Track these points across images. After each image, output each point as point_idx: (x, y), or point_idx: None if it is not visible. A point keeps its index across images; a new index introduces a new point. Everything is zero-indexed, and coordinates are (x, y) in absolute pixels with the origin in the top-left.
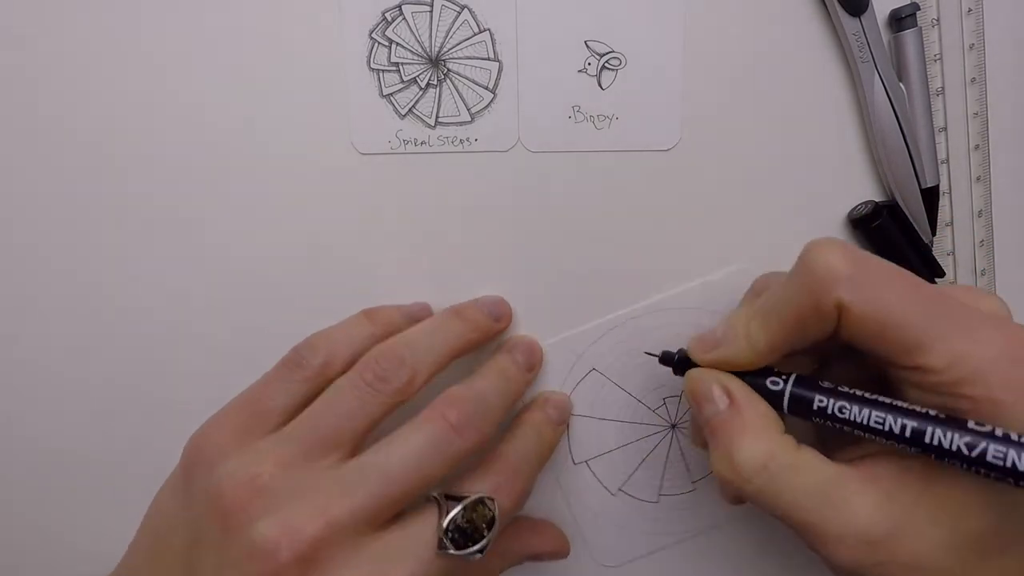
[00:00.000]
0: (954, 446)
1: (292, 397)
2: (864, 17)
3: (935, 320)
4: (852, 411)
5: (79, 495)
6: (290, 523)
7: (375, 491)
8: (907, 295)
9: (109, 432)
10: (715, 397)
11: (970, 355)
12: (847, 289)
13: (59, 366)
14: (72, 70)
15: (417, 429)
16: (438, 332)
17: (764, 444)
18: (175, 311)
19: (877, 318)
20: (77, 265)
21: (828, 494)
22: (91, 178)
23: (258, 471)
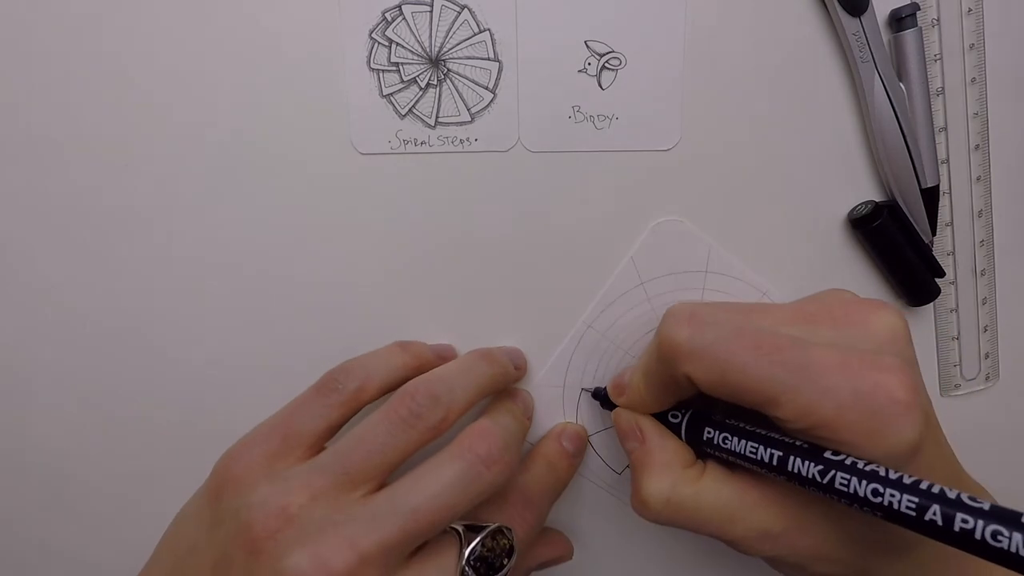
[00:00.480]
0: (809, 473)
1: (325, 421)
2: (864, 17)
3: (781, 377)
4: (732, 441)
5: (93, 510)
6: (320, 556)
7: (405, 525)
8: (751, 359)
9: (122, 447)
10: (631, 436)
11: (818, 407)
12: (690, 364)
13: (69, 378)
14: (72, 71)
15: (446, 463)
16: (471, 372)
17: (667, 480)
18: (173, 311)
19: (724, 384)
20: (75, 265)
21: (729, 512)
22: (90, 179)
23: (288, 501)
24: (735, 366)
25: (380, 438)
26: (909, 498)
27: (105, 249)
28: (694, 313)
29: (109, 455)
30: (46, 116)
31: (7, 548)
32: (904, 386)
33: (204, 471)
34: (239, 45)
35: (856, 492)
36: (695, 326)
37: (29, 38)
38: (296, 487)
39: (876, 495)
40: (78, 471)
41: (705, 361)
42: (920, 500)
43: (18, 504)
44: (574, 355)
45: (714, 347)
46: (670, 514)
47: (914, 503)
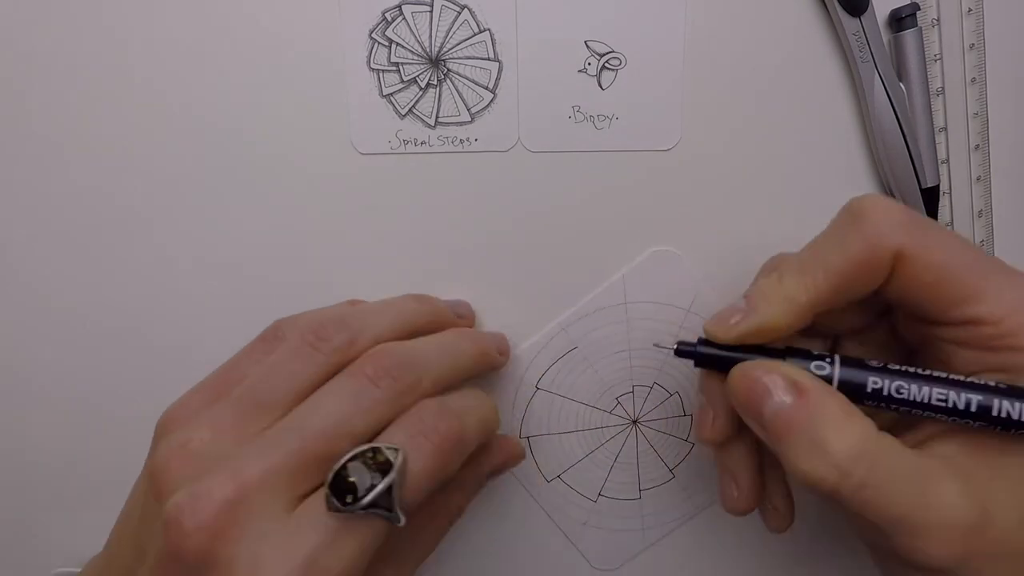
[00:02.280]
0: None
1: (251, 370)
2: (864, 17)
3: (990, 271)
4: (911, 390)
5: (93, 508)
6: (199, 490)
7: (291, 449)
8: (961, 247)
9: (121, 447)
10: (777, 391)
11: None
12: (907, 235)
13: (69, 378)
14: (71, 71)
15: (335, 384)
16: (391, 306)
17: (855, 430)
18: (173, 311)
19: (936, 266)
20: (75, 265)
21: (920, 483)
22: (89, 178)
23: (189, 437)
24: (954, 250)
25: (285, 366)
26: None
27: (104, 249)
28: (892, 199)
29: (108, 455)
30: (46, 115)
31: (7, 547)
32: None
33: None
34: (239, 45)
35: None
36: (903, 206)
37: (30, 38)
38: (201, 424)
39: None
40: (77, 470)
41: (925, 236)
42: None
43: (18, 503)
44: (539, 354)
45: (930, 225)
46: (864, 472)
47: None
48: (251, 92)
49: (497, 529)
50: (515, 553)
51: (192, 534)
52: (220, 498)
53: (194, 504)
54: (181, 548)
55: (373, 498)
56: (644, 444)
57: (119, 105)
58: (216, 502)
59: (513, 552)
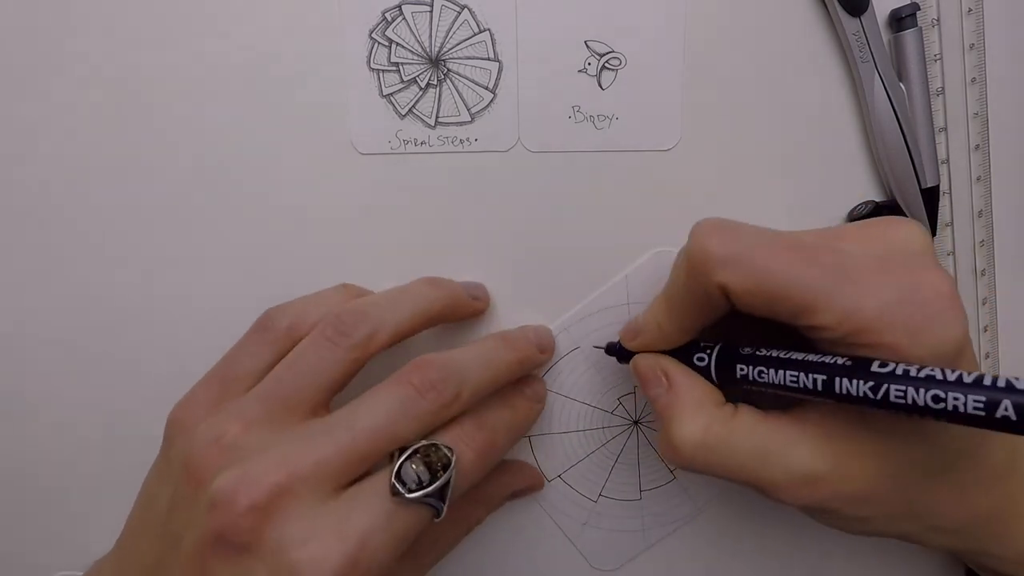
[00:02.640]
0: (860, 392)
1: (261, 360)
2: (864, 17)
3: (820, 280)
4: (769, 374)
5: (92, 506)
6: (248, 474)
7: (340, 445)
8: (788, 262)
9: (121, 447)
10: (655, 381)
11: (859, 308)
12: (724, 272)
13: (68, 379)
14: (71, 70)
15: (383, 389)
16: (406, 293)
17: (700, 421)
18: (173, 311)
19: (760, 292)
20: (74, 264)
21: (766, 453)
22: (89, 177)
23: (223, 431)
24: (772, 270)
25: (307, 360)
26: (975, 398)
27: (103, 249)
28: (723, 224)
29: (108, 455)
30: (44, 115)
31: (6, 546)
32: (947, 281)
33: None
34: (239, 45)
35: (915, 402)
36: (727, 233)
37: (29, 38)
38: (230, 418)
39: (938, 401)
40: (76, 470)
41: (741, 266)
42: (988, 397)
43: (18, 507)
44: None
45: (751, 251)
46: (704, 457)
47: (981, 402)
48: (251, 92)
49: (498, 528)
50: (515, 553)
51: (244, 513)
52: (271, 481)
53: (247, 485)
54: (230, 527)
55: (435, 489)
56: (645, 445)
57: (119, 105)
58: (267, 484)
59: (513, 551)
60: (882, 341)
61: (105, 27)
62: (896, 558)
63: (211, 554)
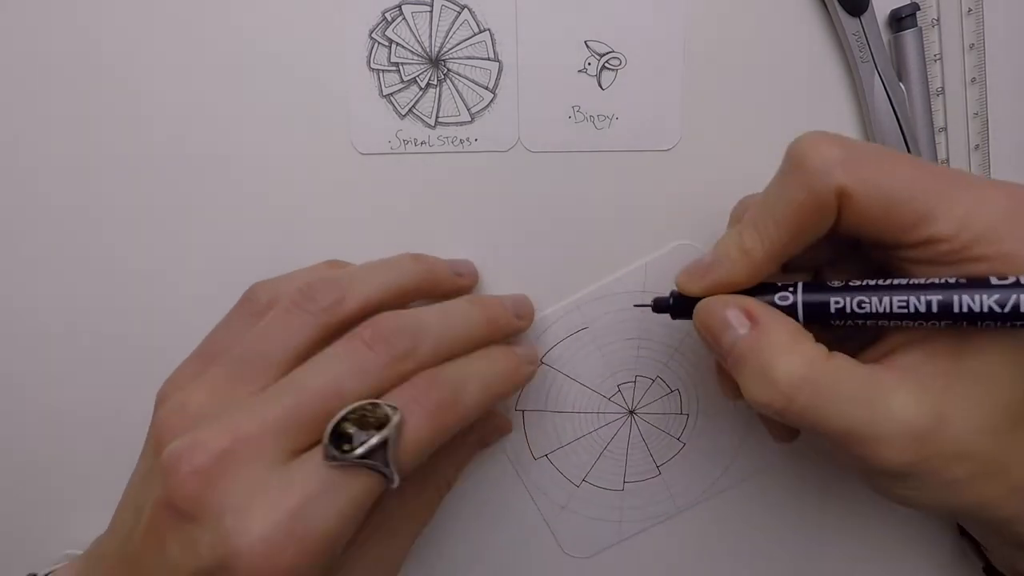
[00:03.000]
0: (984, 307)
1: (240, 334)
2: (864, 17)
3: (937, 188)
4: (872, 303)
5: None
6: (196, 439)
7: (287, 406)
8: (906, 170)
9: (120, 448)
10: (733, 322)
11: (977, 215)
12: (846, 173)
13: (69, 378)
14: (71, 70)
15: (332, 348)
16: (382, 265)
17: (800, 357)
18: (172, 310)
19: (881, 197)
20: (74, 265)
21: (869, 397)
22: (89, 177)
23: (187, 399)
24: (895, 173)
25: (274, 328)
26: None
27: (102, 249)
28: (830, 133)
29: (108, 455)
30: (43, 115)
31: (17, 531)
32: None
33: None
34: (239, 45)
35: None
36: (842, 140)
37: (28, 39)
38: (197, 387)
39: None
40: (75, 471)
41: (865, 171)
42: None
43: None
44: (550, 328)
45: (872, 154)
46: (808, 395)
47: None
48: (251, 92)
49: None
50: (490, 529)
51: (187, 479)
52: (215, 447)
53: (191, 451)
54: (175, 494)
55: (368, 449)
56: (636, 436)
57: (119, 106)
58: (211, 451)
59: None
60: (1000, 250)
61: (105, 28)
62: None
63: (162, 521)
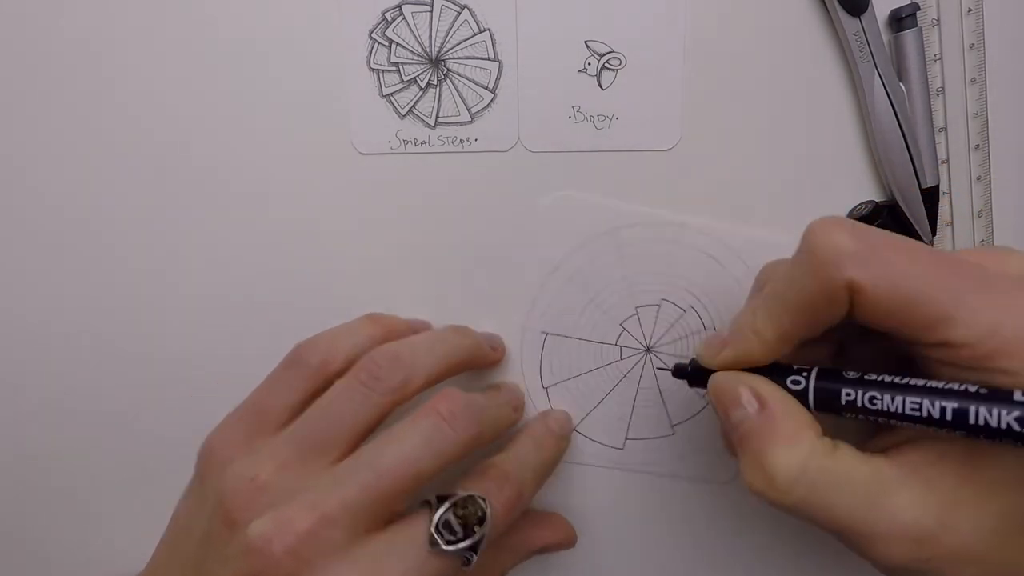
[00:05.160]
0: (1003, 423)
1: (294, 395)
2: (864, 17)
3: (958, 289)
4: (884, 400)
5: (91, 507)
6: (281, 518)
7: (367, 484)
8: (923, 266)
9: (119, 448)
10: (743, 401)
11: (1002, 324)
12: (857, 267)
13: (69, 379)
14: (71, 69)
15: (408, 424)
16: (438, 341)
17: (799, 450)
18: (172, 310)
19: (894, 294)
20: (73, 265)
21: (871, 495)
22: (88, 177)
23: (256, 471)
24: (912, 271)
25: (342, 405)
26: None
27: (102, 249)
28: (848, 220)
29: (107, 455)
30: (43, 114)
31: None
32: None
33: None
34: (239, 45)
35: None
36: (858, 229)
37: (27, 37)
38: (264, 458)
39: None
40: (75, 471)
41: (878, 264)
42: None
43: (15, 503)
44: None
45: (888, 248)
46: (804, 491)
47: None
48: (251, 92)
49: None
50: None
51: (282, 560)
52: (303, 527)
53: (280, 531)
54: (267, 572)
55: (472, 543)
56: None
57: (119, 106)
58: (300, 530)
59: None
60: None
61: (105, 28)
62: None
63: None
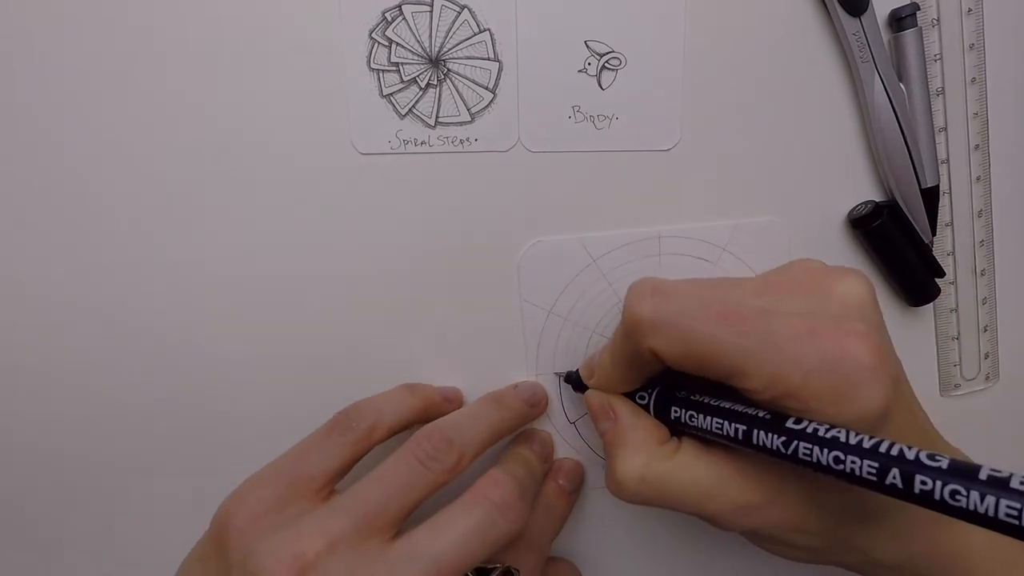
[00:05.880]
0: (773, 445)
1: (337, 461)
2: (864, 17)
3: (746, 349)
4: (699, 419)
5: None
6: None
7: (425, 572)
8: (715, 329)
9: (120, 447)
10: (601, 415)
11: (783, 375)
12: (653, 337)
13: (69, 379)
14: (72, 69)
15: (463, 512)
16: (481, 417)
17: (640, 458)
18: (172, 310)
19: (688, 359)
20: (72, 264)
21: (704, 488)
22: (89, 179)
23: (302, 548)
24: (700, 337)
25: (399, 479)
26: (869, 463)
27: (102, 248)
28: (656, 286)
29: (106, 455)
30: (42, 114)
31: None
32: (870, 351)
33: (197, 469)
34: (239, 45)
35: (819, 460)
36: (658, 298)
37: (27, 36)
38: (310, 532)
39: (838, 462)
40: (74, 471)
41: (669, 333)
42: (880, 463)
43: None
44: (541, 343)
45: (678, 319)
46: (646, 493)
47: (875, 468)
48: (251, 92)
49: None
50: None
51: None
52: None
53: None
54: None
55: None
56: None
57: (120, 106)
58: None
59: None
60: (807, 406)
61: (106, 28)
62: None
63: None
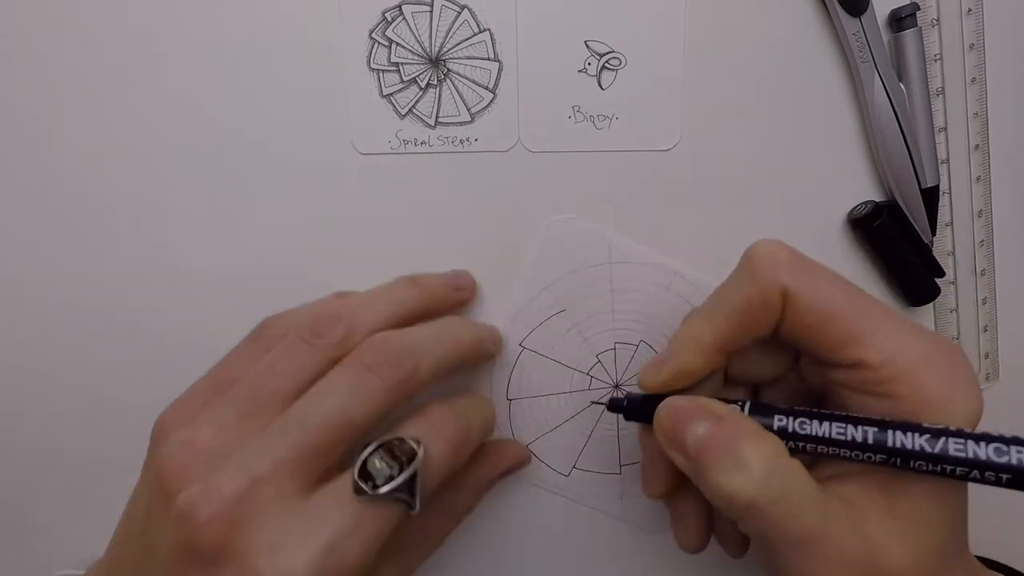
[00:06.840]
0: (916, 445)
1: (251, 365)
2: (864, 17)
3: (872, 317)
4: (812, 426)
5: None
6: (211, 484)
7: (296, 442)
8: (845, 290)
9: (101, 436)
10: (698, 420)
11: (903, 352)
12: (792, 276)
13: (54, 371)
14: (72, 69)
15: (334, 375)
16: (384, 294)
17: (770, 447)
18: (172, 309)
19: (820, 306)
20: (71, 264)
21: (823, 510)
22: (89, 179)
23: (194, 437)
24: (835, 291)
25: (281, 364)
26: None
27: (102, 247)
28: (786, 243)
29: (108, 455)
30: (45, 114)
31: (6, 549)
32: (968, 361)
33: None
34: (239, 45)
35: (977, 456)
36: (794, 249)
37: (27, 36)
38: (202, 423)
39: (1000, 454)
40: (76, 472)
41: (810, 276)
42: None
43: (17, 505)
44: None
45: (818, 268)
46: (777, 486)
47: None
48: (251, 92)
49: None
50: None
51: (205, 525)
52: (231, 492)
53: (207, 498)
54: (196, 539)
55: (399, 483)
56: None
57: (120, 107)
58: (227, 495)
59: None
60: (918, 392)
61: (106, 28)
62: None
63: (185, 566)
